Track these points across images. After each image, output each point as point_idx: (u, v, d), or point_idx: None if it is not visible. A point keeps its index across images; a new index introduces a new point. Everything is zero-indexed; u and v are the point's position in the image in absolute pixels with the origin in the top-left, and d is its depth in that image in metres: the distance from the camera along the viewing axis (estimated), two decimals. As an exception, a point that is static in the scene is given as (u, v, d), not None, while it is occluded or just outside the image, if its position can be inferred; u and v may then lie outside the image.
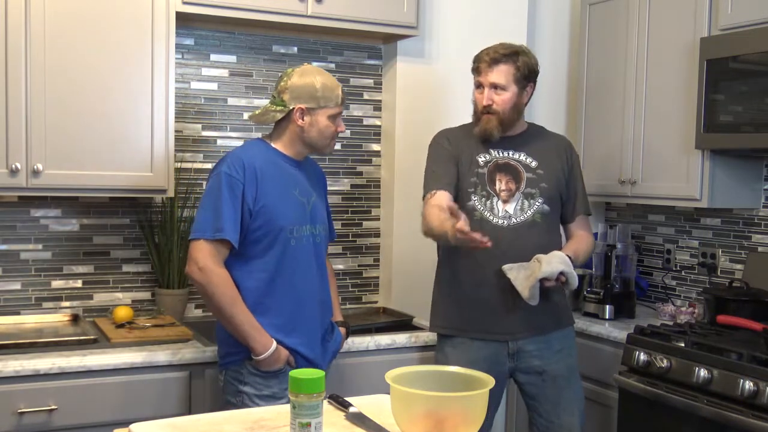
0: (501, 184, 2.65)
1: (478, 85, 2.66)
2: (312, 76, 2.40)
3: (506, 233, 2.61)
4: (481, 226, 2.61)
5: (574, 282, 2.55)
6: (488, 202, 2.63)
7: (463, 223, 2.27)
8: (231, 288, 2.31)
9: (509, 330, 2.63)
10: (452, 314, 2.70)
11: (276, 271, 2.36)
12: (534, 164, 2.68)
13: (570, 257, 2.57)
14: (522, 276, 2.54)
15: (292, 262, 2.38)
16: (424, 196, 2.71)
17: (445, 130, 2.82)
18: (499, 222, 2.62)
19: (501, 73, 2.60)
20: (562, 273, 2.50)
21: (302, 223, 2.41)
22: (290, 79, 2.39)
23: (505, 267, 2.56)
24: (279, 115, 2.40)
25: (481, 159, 2.67)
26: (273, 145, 2.45)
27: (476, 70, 2.66)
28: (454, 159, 2.69)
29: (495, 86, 2.61)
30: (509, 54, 2.62)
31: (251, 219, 2.33)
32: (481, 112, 2.64)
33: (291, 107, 2.38)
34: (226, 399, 2.42)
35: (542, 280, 2.50)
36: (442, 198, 2.60)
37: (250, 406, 2.26)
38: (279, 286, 2.37)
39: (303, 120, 2.39)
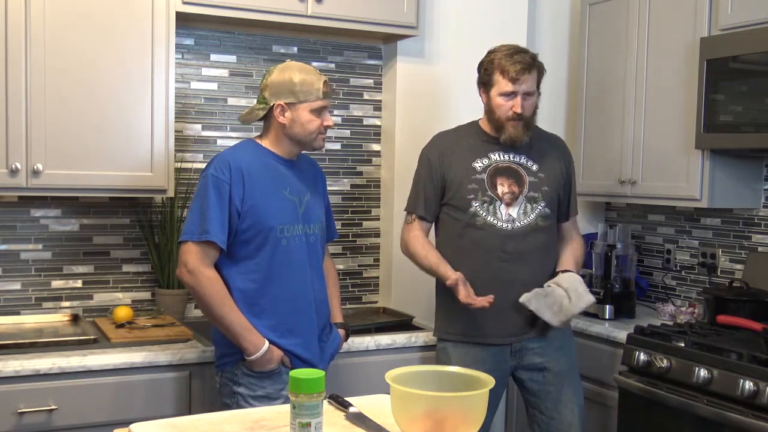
0: (503, 187, 2.64)
1: (510, 93, 2.58)
2: (291, 71, 2.38)
3: (510, 237, 2.61)
4: (485, 230, 2.61)
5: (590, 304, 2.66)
6: (491, 207, 2.63)
7: (465, 297, 2.52)
8: (220, 289, 2.31)
9: (512, 333, 2.64)
10: (455, 321, 2.69)
11: (268, 271, 2.36)
12: (535, 167, 2.68)
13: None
14: (544, 305, 2.56)
15: (284, 263, 2.38)
16: (407, 209, 2.79)
17: (438, 135, 2.80)
18: (504, 225, 2.62)
19: (533, 80, 2.60)
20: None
21: (293, 223, 2.40)
22: (270, 75, 2.39)
23: (523, 299, 2.57)
24: (261, 113, 2.40)
25: (478, 165, 2.67)
26: (263, 144, 2.45)
27: (513, 79, 2.55)
28: (439, 180, 2.70)
29: (528, 93, 2.59)
30: (534, 57, 2.61)
31: (240, 220, 2.32)
32: (509, 119, 2.60)
33: (271, 104, 2.38)
34: (222, 401, 2.42)
35: None
36: (424, 231, 2.75)
37: (244, 407, 2.26)
38: (272, 287, 2.36)
39: (284, 116, 2.38)
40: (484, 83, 2.65)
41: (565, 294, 2.57)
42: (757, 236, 3.19)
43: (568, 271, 2.67)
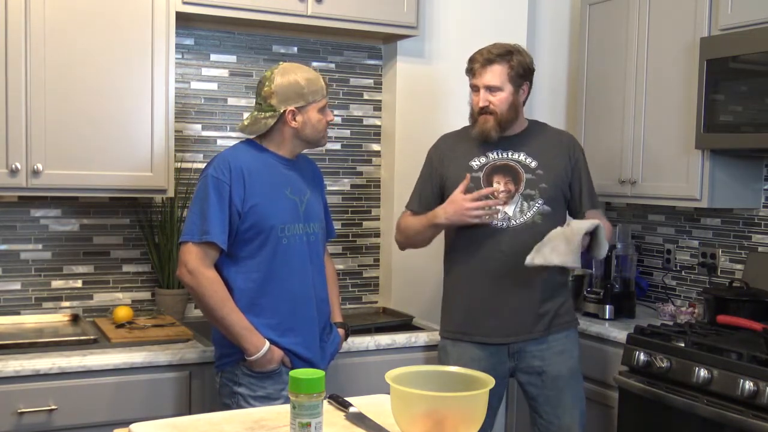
0: (499, 185, 2.64)
1: (474, 87, 2.65)
2: (293, 73, 2.38)
3: (506, 235, 2.61)
4: (481, 228, 2.61)
5: (604, 246, 2.52)
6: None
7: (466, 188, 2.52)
8: (221, 289, 2.31)
9: (509, 333, 2.63)
10: (456, 319, 2.70)
11: (268, 271, 2.36)
12: (534, 164, 2.67)
13: None
14: (549, 252, 2.44)
15: (285, 262, 2.38)
16: (405, 206, 2.81)
17: (443, 136, 2.83)
18: (499, 224, 2.61)
19: (495, 74, 2.59)
20: (597, 228, 2.48)
21: (294, 222, 2.40)
22: (273, 82, 2.36)
23: (527, 262, 2.47)
24: (271, 121, 2.37)
25: (475, 163, 2.67)
26: (264, 145, 2.44)
27: (470, 72, 2.64)
28: (438, 179, 2.71)
29: (490, 87, 2.60)
30: (502, 53, 2.60)
31: (240, 220, 2.32)
32: (478, 114, 2.63)
33: (281, 111, 2.36)
34: (222, 401, 2.42)
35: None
36: None
37: (245, 407, 2.26)
38: (273, 286, 2.37)
39: (295, 121, 2.38)
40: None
41: (564, 228, 2.48)
42: (757, 236, 3.19)
43: None
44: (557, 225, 2.70)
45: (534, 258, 2.46)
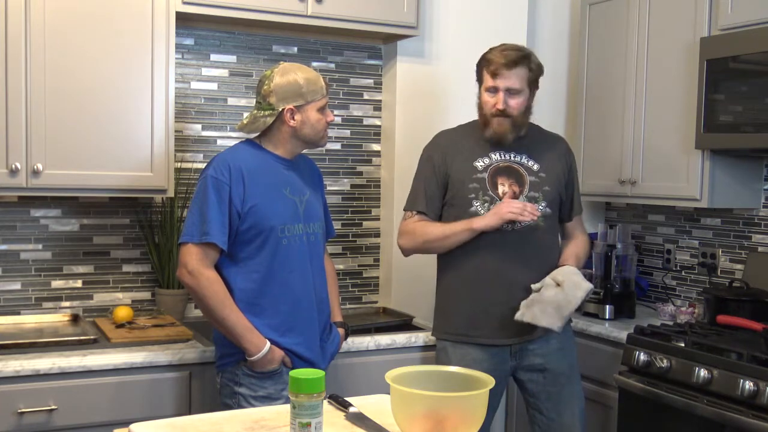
0: (504, 187, 2.64)
1: (492, 89, 2.59)
2: (293, 73, 2.38)
3: (511, 237, 2.60)
4: (485, 231, 2.60)
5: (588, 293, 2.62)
6: (491, 207, 2.61)
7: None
8: (221, 290, 2.31)
9: (512, 334, 2.63)
10: (454, 321, 2.69)
11: (268, 271, 2.36)
12: (536, 167, 2.67)
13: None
14: (538, 312, 2.51)
15: (285, 262, 2.38)
16: (406, 208, 2.75)
17: (440, 134, 2.80)
18: (504, 226, 2.61)
19: (518, 77, 2.56)
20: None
21: (294, 222, 2.40)
22: (272, 81, 2.37)
23: (517, 317, 2.54)
24: (270, 120, 2.38)
25: (480, 164, 2.66)
26: (263, 145, 2.44)
27: (493, 73, 2.57)
28: (443, 177, 2.68)
29: (510, 90, 2.57)
30: (524, 56, 2.58)
31: (240, 220, 2.32)
32: (493, 115, 2.60)
33: (280, 109, 2.37)
34: (222, 401, 2.42)
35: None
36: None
37: (245, 407, 2.26)
38: (273, 287, 2.37)
39: (294, 120, 2.38)
40: (478, 80, 2.67)
41: (558, 291, 2.52)
42: (757, 236, 3.19)
43: (566, 265, 2.66)
44: (556, 225, 2.71)
45: (524, 314, 2.54)
